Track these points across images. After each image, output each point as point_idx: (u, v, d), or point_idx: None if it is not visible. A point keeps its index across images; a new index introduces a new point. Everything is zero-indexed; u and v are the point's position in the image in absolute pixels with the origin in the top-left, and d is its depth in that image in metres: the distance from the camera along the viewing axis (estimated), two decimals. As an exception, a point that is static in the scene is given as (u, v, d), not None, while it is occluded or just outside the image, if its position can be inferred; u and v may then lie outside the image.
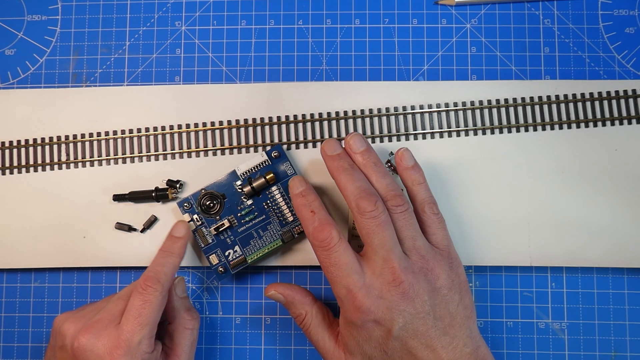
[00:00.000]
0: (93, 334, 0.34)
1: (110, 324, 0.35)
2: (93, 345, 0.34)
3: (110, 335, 0.34)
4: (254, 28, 0.44)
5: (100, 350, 0.34)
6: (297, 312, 0.38)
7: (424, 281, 0.34)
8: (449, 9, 0.44)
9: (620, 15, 0.44)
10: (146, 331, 0.34)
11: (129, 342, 0.34)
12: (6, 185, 0.43)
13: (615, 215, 0.41)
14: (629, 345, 0.41)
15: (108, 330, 0.34)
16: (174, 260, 0.38)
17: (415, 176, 0.37)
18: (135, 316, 0.34)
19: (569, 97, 0.42)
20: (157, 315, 0.35)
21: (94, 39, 0.45)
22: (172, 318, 0.39)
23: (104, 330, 0.34)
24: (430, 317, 0.33)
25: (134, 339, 0.34)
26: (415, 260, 0.34)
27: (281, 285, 0.38)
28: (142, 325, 0.34)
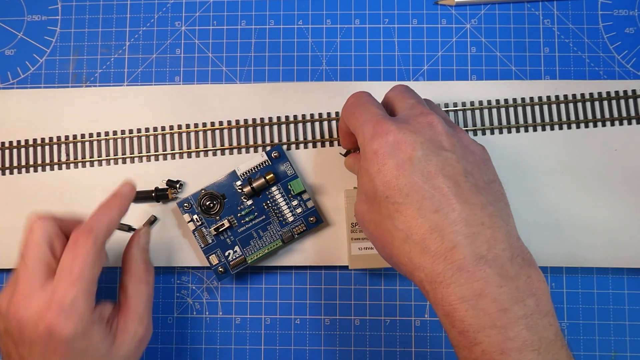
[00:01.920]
0: (22, 304, 0.31)
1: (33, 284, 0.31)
2: (23, 314, 0.31)
3: (39, 299, 0.31)
4: (254, 28, 0.44)
5: (33, 318, 0.30)
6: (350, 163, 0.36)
7: (454, 133, 0.30)
8: (448, 9, 0.44)
9: (620, 15, 0.44)
10: (79, 287, 0.30)
11: (61, 301, 0.30)
12: (6, 185, 0.43)
13: (615, 215, 0.41)
14: (629, 345, 0.41)
15: (35, 291, 0.31)
16: (112, 214, 0.34)
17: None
18: (66, 273, 0.31)
19: (568, 97, 0.42)
20: (92, 270, 0.31)
21: (94, 39, 0.45)
22: (127, 268, 0.36)
23: (31, 294, 0.31)
24: (459, 164, 0.28)
25: (66, 298, 0.30)
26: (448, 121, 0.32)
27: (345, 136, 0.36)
28: (74, 282, 0.30)
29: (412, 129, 0.29)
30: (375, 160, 0.29)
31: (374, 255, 0.39)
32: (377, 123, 0.29)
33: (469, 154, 0.30)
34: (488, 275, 0.25)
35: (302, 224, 0.40)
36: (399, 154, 0.28)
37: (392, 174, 0.28)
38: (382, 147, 0.28)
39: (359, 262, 0.39)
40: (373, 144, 0.29)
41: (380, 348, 0.42)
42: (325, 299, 0.42)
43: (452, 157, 0.28)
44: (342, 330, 0.42)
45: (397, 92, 0.33)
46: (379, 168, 0.28)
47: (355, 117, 0.31)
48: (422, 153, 0.28)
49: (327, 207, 0.42)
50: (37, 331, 0.30)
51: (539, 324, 0.26)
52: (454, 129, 0.31)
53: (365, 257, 0.39)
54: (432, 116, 0.30)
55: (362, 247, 0.39)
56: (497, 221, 0.27)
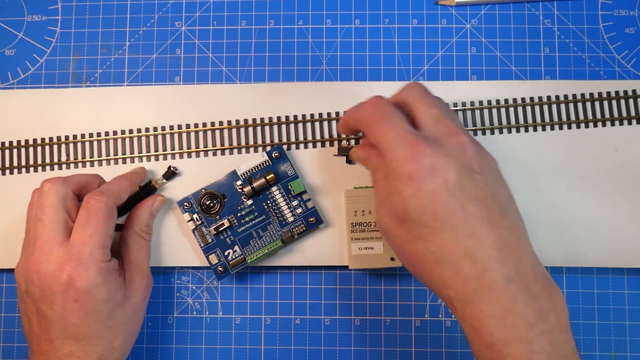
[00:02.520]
0: (43, 261, 0.34)
1: (52, 241, 0.34)
2: (45, 270, 0.34)
3: (59, 254, 0.34)
4: (254, 28, 0.44)
5: (54, 272, 0.33)
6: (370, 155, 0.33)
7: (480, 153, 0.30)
8: (449, 9, 0.44)
9: (620, 15, 0.44)
10: (96, 240, 0.34)
11: (79, 254, 0.33)
12: (6, 185, 0.43)
13: (615, 215, 0.41)
14: (629, 345, 0.41)
15: (54, 248, 0.34)
16: (123, 182, 0.39)
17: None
18: (82, 228, 0.34)
19: (569, 98, 0.42)
20: (106, 225, 0.35)
21: (94, 39, 0.45)
22: (131, 224, 0.39)
23: (50, 251, 0.34)
24: (489, 188, 0.29)
25: (84, 251, 0.34)
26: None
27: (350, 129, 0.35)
28: (91, 236, 0.34)
29: (446, 152, 0.29)
30: (410, 183, 0.28)
31: (374, 255, 0.39)
32: (412, 144, 0.29)
33: (491, 172, 0.30)
34: (516, 295, 0.27)
35: (302, 224, 0.40)
36: (435, 179, 0.28)
37: (427, 199, 0.28)
38: (418, 171, 0.28)
39: (359, 262, 0.39)
40: (407, 167, 0.29)
41: (380, 348, 0.42)
42: (325, 299, 0.42)
43: (482, 180, 0.29)
44: (342, 330, 0.42)
45: (415, 95, 0.32)
46: (414, 192, 0.28)
47: (380, 130, 0.31)
48: (456, 178, 0.28)
49: (327, 207, 0.42)
50: (58, 282, 0.33)
51: (559, 338, 0.27)
52: (475, 144, 0.31)
53: (365, 257, 0.39)
54: (462, 137, 0.30)
55: (362, 247, 0.39)
56: (522, 244, 0.29)
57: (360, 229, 0.39)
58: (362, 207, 0.39)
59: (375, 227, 0.39)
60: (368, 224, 0.39)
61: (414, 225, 0.29)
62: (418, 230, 0.29)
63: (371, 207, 0.39)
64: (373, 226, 0.39)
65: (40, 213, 0.35)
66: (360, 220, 0.39)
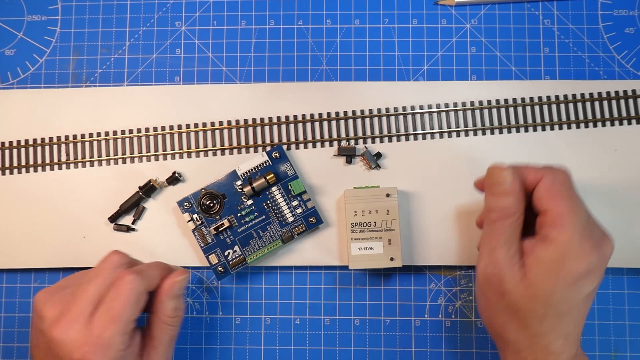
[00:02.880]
0: (64, 328, 0.33)
1: (80, 315, 0.33)
2: (63, 339, 0.32)
3: (80, 330, 0.32)
4: (254, 28, 0.44)
5: (70, 345, 0.32)
6: (509, 205, 0.33)
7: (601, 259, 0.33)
8: (448, 9, 0.44)
9: (620, 15, 0.44)
10: (118, 327, 0.33)
11: (99, 338, 0.32)
12: (6, 185, 0.43)
13: (615, 215, 0.41)
14: (628, 345, 0.41)
15: (79, 323, 0.33)
16: (163, 270, 0.37)
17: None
18: (107, 310, 0.33)
19: (568, 98, 0.42)
20: (132, 312, 0.33)
21: (94, 39, 0.45)
22: (156, 310, 0.37)
23: (74, 324, 0.33)
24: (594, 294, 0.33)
25: (104, 335, 0.32)
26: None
27: (515, 171, 0.34)
28: (114, 321, 0.33)
29: (602, 260, 0.32)
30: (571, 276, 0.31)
31: (374, 255, 0.39)
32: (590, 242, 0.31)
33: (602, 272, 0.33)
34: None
35: (302, 224, 0.40)
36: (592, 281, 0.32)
37: (576, 294, 0.32)
38: (584, 271, 0.31)
39: (359, 263, 0.39)
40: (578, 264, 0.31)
41: (380, 348, 0.42)
42: (325, 299, 0.42)
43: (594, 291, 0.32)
44: (342, 330, 0.42)
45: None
46: (569, 283, 0.31)
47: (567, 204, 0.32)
48: (595, 287, 0.32)
49: (327, 207, 0.42)
50: (71, 358, 0.32)
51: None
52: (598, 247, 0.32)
53: (365, 257, 0.39)
54: (610, 244, 0.32)
55: (362, 247, 0.39)
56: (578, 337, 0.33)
57: (360, 229, 0.39)
58: (362, 207, 0.39)
59: (376, 227, 0.39)
60: (368, 224, 0.39)
61: (546, 305, 0.32)
62: (544, 309, 0.32)
63: (371, 207, 0.39)
64: (373, 226, 0.39)
65: (114, 297, 0.33)
66: (360, 220, 0.39)
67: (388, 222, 0.39)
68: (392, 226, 0.39)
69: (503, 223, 0.33)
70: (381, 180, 0.42)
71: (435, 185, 0.41)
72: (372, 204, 0.39)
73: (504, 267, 0.32)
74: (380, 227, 0.39)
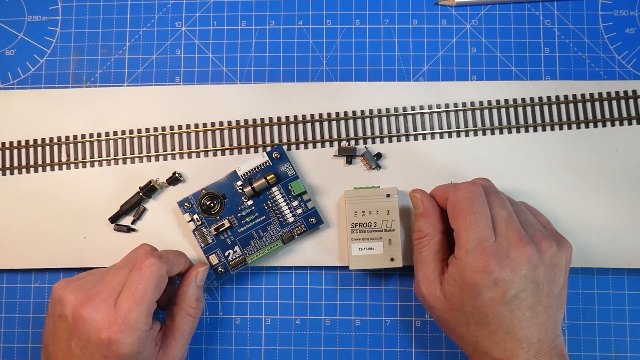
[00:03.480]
0: (92, 307, 0.34)
1: (108, 297, 0.34)
2: (92, 318, 0.34)
3: (108, 310, 0.34)
4: (254, 29, 0.44)
5: (98, 325, 0.34)
6: (422, 227, 0.38)
7: (541, 254, 0.34)
8: (449, 10, 0.44)
9: (620, 15, 0.44)
10: (142, 309, 0.34)
11: (126, 318, 0.34)
12: (6, 185, 0.43)
13: (615, 215, 0.41)
14: (629, 345, 0.41)
15: (106, 304, 0.34)
16: (181, 257, 0.39)
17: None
18: (132, 292, 0.34)
19: (569, 98, 0.42)
20: (154, 294, 0.35)
21: (94, 39, 0.45)
22: (179, 301, 0.38)
23: (102, 304, 0.34)
24: (540, 292, 0.34)
25: (130, 316, 0.34)
26: (531, 233, 0.35)
27: (427, 195, 0.38)
28: (138, 303, 0.34)
29: (512, 267, 0.33)
30: (472, 289, 0.33)
31: (374, 255, 0.39)
32: (485, 257, 0.33)
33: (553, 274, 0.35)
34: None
35: (302, 224, 0.40)
36: (496, 290, 0.33)
37: (483, 304, 0.33)
38: (482, 282, 0.33)
39: (359, 263, 0.39)
40: (474, 276, 0.33)
41: (381, 348, 0.42)
42: (325, 299, 0.42)
43: (538, 289, 0.34)
44: (342, 330, 0.42)
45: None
46: (474, 295, 0.33)
47: (464, 223, 0.35)
48: (514, 291, 0.33)
49: (327, 207, 0.42)
50: (99, 337, 0.34)
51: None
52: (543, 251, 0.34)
53: (365, 258, 0.39)
54: (527, 248, 0.34)
55: (362, 248, 0.39)
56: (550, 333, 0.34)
57: (360, 230, 0.39)
58: (362, 207, 0.39)
59: (376, 227, 0.39)
60: (368, 224, 0.39)
61: (464, 316, 0.34)
62: (465, 319, 0.34)
63: (371, 207, 0.39)
64: (373, 226, 0.39)
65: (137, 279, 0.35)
66: (360, 220, 0.39)
67: (388, 223, 0.39)
68: (393, 226, 0.39)
69: (420, 243, 0.37)
70: (381, 180, 0.42)
71: (435, 185, 0.41)
72: (373, 204, 0.39)
73: (423, 285, 0.36)
74: (380, 228, 0.39)
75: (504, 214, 0.35)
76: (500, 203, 0.36)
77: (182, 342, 0.38)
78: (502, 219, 0.35)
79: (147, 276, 0.35)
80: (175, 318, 0.38)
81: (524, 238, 0.34)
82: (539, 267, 0.34)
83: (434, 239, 0.37)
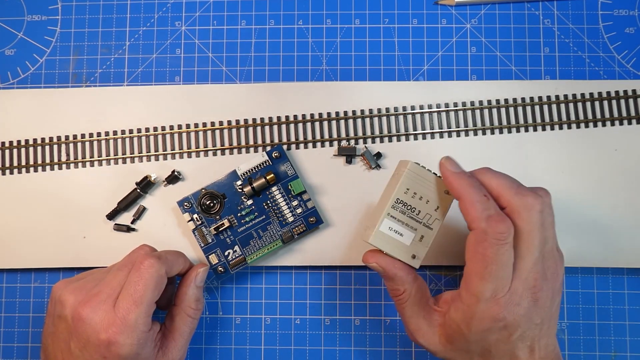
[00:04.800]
0: (91, 308, 0.34)
1: (108, 298, 0.34)
2: (91, 319, 0.34)
3: (107, 311, 0.34)
4: (254, 28, 0.44)
5: (97, 325, 0.34)
6: (395, 287, 0.35)
7: (551, 287, 0.33)
8: (449, 9, 0.44)
9: (620, 15, 0.44)
10: (141, 309, 0.34)
11: (125, 319, 0.34)
12: (6, 185, 0.43)
13: (615, 215, 0.41)
14: (629, 345, 0.41)
15: (106, 305, 0.34)
16: (180, 258, 0.39)
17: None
18: (130, 293, 0.34)
19: (569, 97, 0.42)
20: (153, 295, 0.35)
21: (94, 39, 0.45)
22: (179, 301, 0.39)
23: (102, 305, 0.34)
24: (543, 322, 0.33)
25: (129, 317, 0.34)
26: (549, 265, 0.33)
27: (383, 257, 0.35)
28: (137, 303, 0.34)
29: (521, 313, 0.32)
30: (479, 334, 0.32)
31: (398, 243, 0.35)
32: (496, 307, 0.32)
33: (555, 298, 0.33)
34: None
35: (302, 224, 0.40)
36: (503, 333, 0.32)
37: (488, 344, 0.33)
38: (491, 329, 0.32)
39: (381, 242, 0.34)
40: (482, 324, 0.32)
41: (381, 348, 0.42)
42: (325, 299, 0.42)
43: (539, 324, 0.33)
44: (342, 330, 0.42)
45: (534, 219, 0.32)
46: (479, 339, 0.33)
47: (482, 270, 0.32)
48: (521, 332, 0.32)
49: (327, 207, 0.42)
50: (98, 338, 0.34)
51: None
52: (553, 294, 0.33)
53: (389, 240, 0.35)
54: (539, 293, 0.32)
55: (392, 228, 0.35)
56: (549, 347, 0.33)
57: (401, 209, 0.34)
58: (417, 188, 0.34)
59: (418, 216, 0.35)
60: (412, 208, 0.35)
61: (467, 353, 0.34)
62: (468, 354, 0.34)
63: (425, 193, 0.35)
64: (416, 214, 0.35)
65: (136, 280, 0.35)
66: (407, 200, 0.34)
67: (431, 219, 0.35)
68: (433, 225, 0.35)
69: (400, 300, 0.36)
70: (381, 180, 0.42)
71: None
72: (429, 191, 0.35)
73: (418, 335, 0.35)
74: (421, 219, 0.35)
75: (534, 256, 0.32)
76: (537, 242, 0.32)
77: (182, 343, 0.38)
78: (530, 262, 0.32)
79: (146, 277, 0.35)
80: (174, 319, 0.38)
81: (539, 282, 0.32)
82: (546, 304, 0.33)
83: (413, 290, 0.35)
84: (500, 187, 0.33)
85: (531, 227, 0.32)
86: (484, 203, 0.32)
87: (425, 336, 0.35)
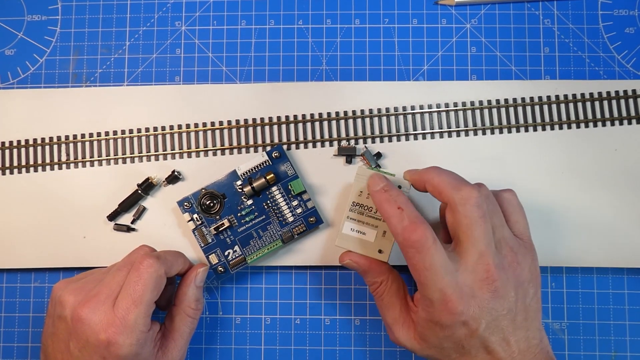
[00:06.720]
0: (91, 309, 0.34)
1: (107, 298, 0.35)
2: (91, 319, 0.34)
3: (106, 311, 0.34)
4: (254, 28, 0.44)
5: (97, 326, 0.34)
6: (372, 280, 0.37)
7: (512, 277, 0.33)
8: (449, 9, 0.44)
9: (620, 15, 0.44)
10: (141, 309, 0.34)
11: (124, 319, 0.34)
12: (6, 185, 0.43)
13: (615, 215, 0.41)
14: (629, 345, 0.41)
15: (105, 305, 0.34)
16: (180, 258, 0.39)
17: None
18: (130, 293, 0.34)
19: (568, 97, 0.42)
20: (152, 295, 0.35)
21: (94, 39, 0.45)
22: (178, 301, 0.39)
23: (101, 306, 0.34)
24: (512, 313, 0.33)
25: (129, 317, 0.34)
26: (505, 254, 0.33)
27: (355, 254, 0.37)
28: (136, 304, 0.34)
29: (479, 305, 0.32)
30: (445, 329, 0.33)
31: (363, 241, 0.37)
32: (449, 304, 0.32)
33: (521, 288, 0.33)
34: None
35: (302, 224, 0.40)
36: (467, 328, 0.32)
37: (459, 339, 0.33)
38: (453, 324, 0.32)
39: (346, 243, 0.37)
40: (444, 319, 0.32)
41: (381, 348, 0.42)
42: (325, 299, 0.42)
43: (506, 315, 0.33)
44: (342, 330, 0.42)
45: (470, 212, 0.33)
46: (448, 334, 0.33)
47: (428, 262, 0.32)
48: (485, 326, 0.32)
49: (327, 207, 0.42)
50: (97, 338, 0.34)
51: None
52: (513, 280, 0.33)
53: (353, 240, 0.37)
54: (496, 283, 0.32)
55: (354, 229, 0.37)
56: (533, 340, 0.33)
57: (359, 211, 0.37)
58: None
59: (376, 214, 0.37)
60: (369, 208, 0.37)
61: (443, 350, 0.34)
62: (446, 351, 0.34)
63: None
64: (373, 212, 0.37)
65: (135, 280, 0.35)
66: (362, 202, 0.37)
67: None
68: None
69: (377, 292, 0.37)
70: (381, 180, 0.42)
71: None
72: None
73: (396, 330, 0.36)
74: (379, 216, 0.37)
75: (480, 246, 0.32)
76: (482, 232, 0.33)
77: (182, 343, 0.38)
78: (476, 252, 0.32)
79: (145, 277, 0.35)
80: (174, 319, 0.38)
81: (493, 273, 0.32)
82: (509, 294, 0.33)
83: (389, 281, 0.36)
84: (441, 184, 0.34)
85: (469, 220, 0.33)
86: (398, 216, 0.33)
87: (401, 331, 0.36)
